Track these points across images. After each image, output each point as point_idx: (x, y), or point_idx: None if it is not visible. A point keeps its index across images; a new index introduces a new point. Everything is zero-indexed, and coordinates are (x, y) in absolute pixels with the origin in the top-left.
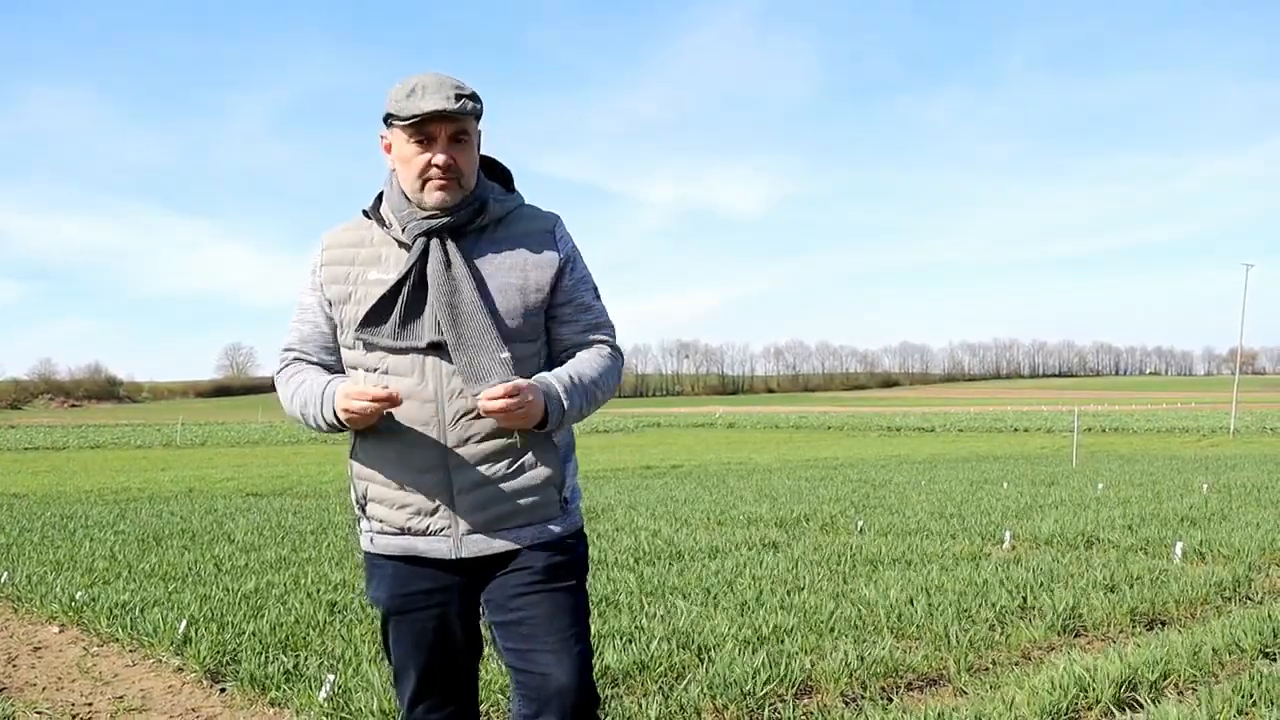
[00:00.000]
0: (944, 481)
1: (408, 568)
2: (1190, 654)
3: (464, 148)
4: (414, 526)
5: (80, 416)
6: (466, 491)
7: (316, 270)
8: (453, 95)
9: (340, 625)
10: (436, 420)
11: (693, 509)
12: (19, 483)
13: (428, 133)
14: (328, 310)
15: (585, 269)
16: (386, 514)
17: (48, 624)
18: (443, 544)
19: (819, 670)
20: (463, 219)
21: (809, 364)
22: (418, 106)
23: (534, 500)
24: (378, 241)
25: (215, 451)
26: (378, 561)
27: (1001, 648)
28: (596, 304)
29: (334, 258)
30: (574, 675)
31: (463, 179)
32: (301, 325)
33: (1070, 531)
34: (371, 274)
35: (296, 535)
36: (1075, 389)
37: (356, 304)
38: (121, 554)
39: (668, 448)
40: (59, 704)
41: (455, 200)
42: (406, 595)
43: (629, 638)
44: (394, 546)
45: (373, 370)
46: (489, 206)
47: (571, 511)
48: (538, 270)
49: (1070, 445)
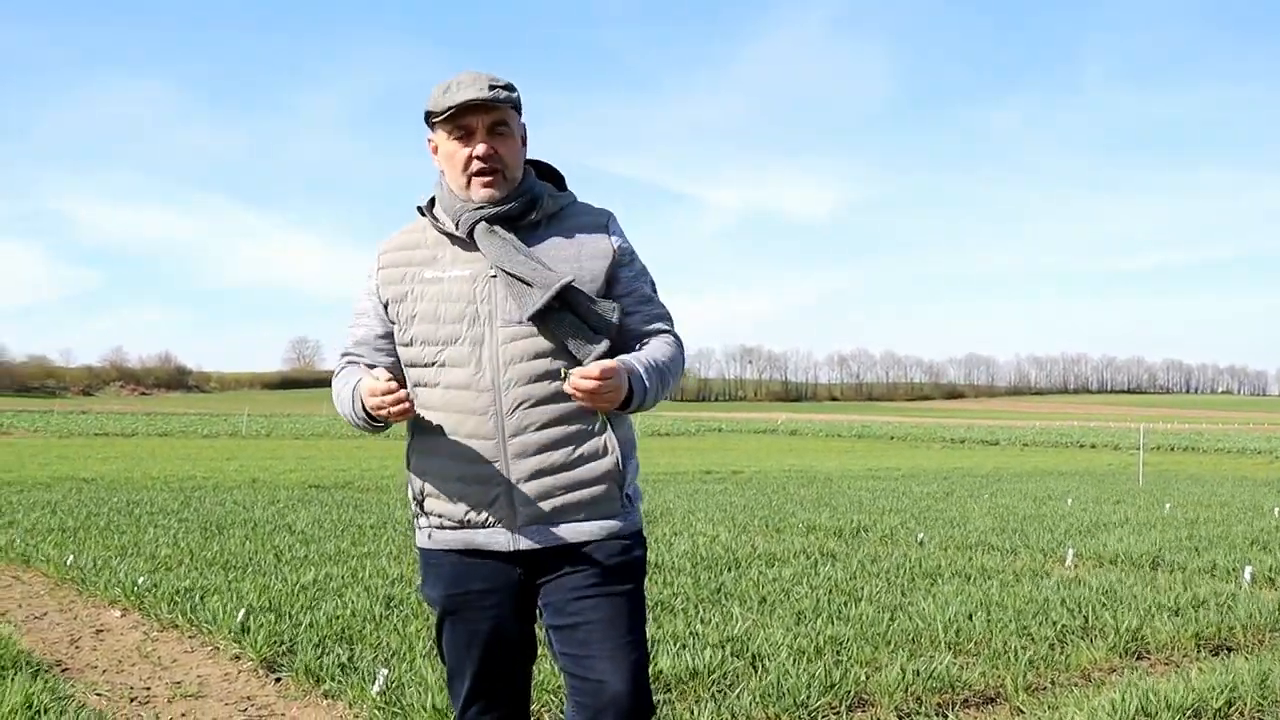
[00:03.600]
0: (1007, 496)
1: (464, 564)
2: (1257, 682)
3: (504, 139)
4: (472, 519)
5: (150, 404)
6: (524, 481)
7: (373, 275)
8: (486, 85)
9: (396, 619)
10: (494, 410)
11: (751, 515)
12: (89, 468)
13: (466, 125)
14: (384, 313)
15: (642, 263)
16: (445, 508)
17: (110, 607)
18: (501, 535)
19: (873, 683)
20: (515, 210)
21: (873, 373)
22: (453, 98)
23: (594, 492)
24: (432, 242)
25: (280, 443)
26: (434, 559)
27: (1061, 667)
28: (656, 296)
29: (390, 260)
30: (629, 683)
31: (507, 170)
32: (357, 330)
33: (1135, 551)
34: (428, 273)
35: (356, 529)
36: (1144, 406)
37: (414, 301)
38: (184, 541)
39: (729, 453)
40: (118, 686)
41: (502, 193)
42: (462, 594)
43: (683, 643)
44: (452, 540)
45: (430, 365)
46: (543, 201)
47: (632, 511)
48: (592, 261)
49: (1137, 463)
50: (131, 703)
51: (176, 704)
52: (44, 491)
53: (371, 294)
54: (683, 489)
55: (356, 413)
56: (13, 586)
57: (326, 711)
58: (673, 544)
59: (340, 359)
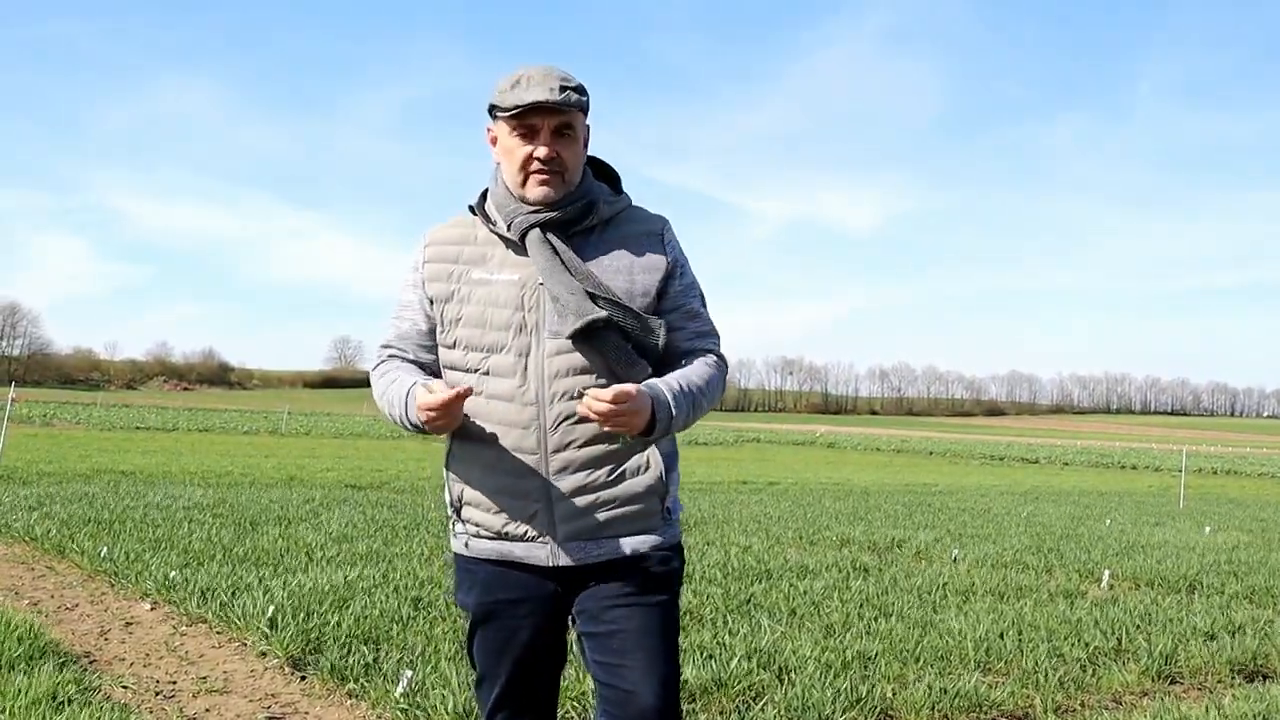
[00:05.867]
0: (1045, 515)
1: (500, 573)
2: None
3: (568, 142)
4: (511, 531)
5: (191, 400)
6: (565, 497)
7: (419, 268)
8: (557, 86)
9: (423, 622)
10: (537, 424)
11: (785, 527)
12: (128, 461)
13: (531, 125)
14: (428, 309)
15: (693, 276)
16: (483, 518)
17: (141, 600)
18: (540, 550)
19: (900, 700)
20: (570, 215)
21: (914, 388)
22: (520, 98)
23: (636, 509)
24: (482, 240)
25: (318, 442)
26: (470, 566)
27: (1092, 690)
28: (704, 312)
29: (437, 254)
30: (659, 696)
31: (566, 173)
32: (400, 322)
33: (1172, 574)
34: (476, 273)
35: (389, 530)
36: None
37: (460, 303)
38: (218, 537)
39: (766, 464)
40: (144, 679)
41: (558, 195)
42: (496, 602)
43: (710, 654)
44: (490, 551)
45: (473, 371)
46: (598, 206)
47: (673, 523)
48: (645, 274)
49: (1178, 485)
50: (157, 696)
51: (201, 699)
52: (83, 483)
53: (417, 286)
54: (718, 499)
55: (409, 418)
56: (46, 577)
57: (350, 711)
58: (705, 554)
59: (380, 350)
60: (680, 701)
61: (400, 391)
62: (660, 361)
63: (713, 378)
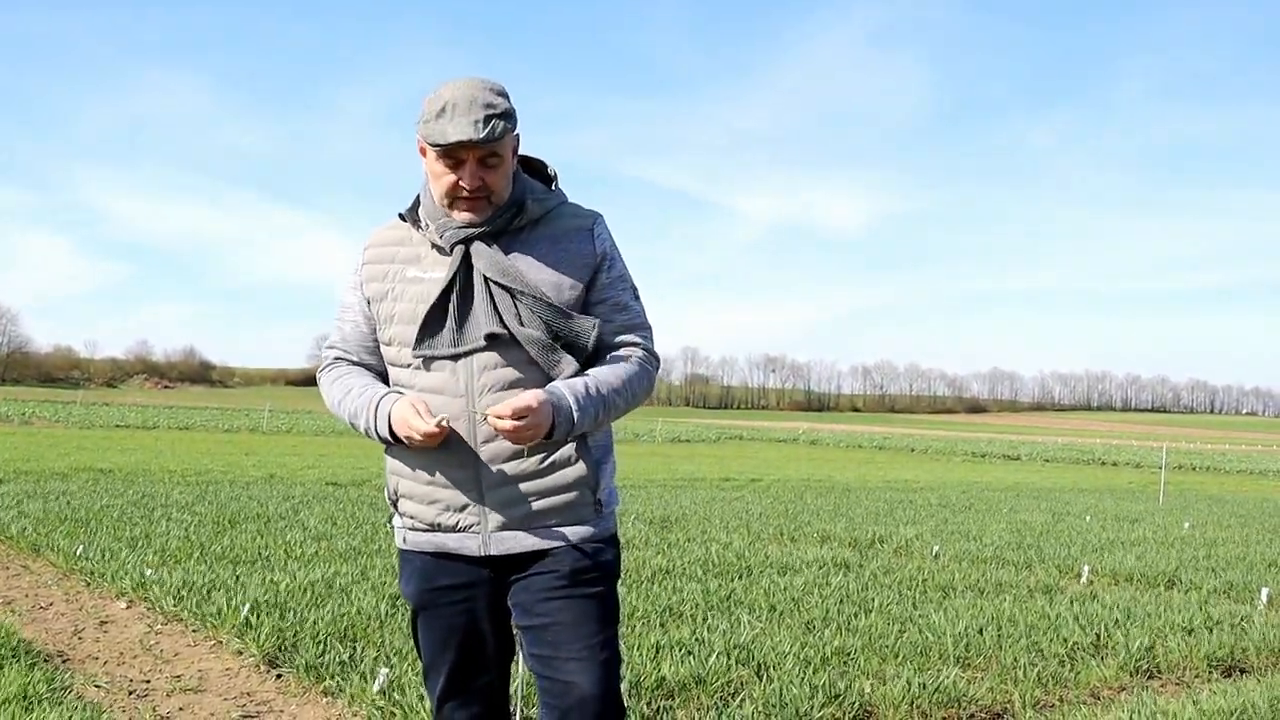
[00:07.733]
0: (1025, 511)
1: (436, 563)
2: (1269, 705)
3: (494, 170)
4: (444, 523)
5: (172, 398)
6: (495, 488)
7: (358, 269)
8: (482, 118)
9: (400, 619)
10: (467, 415)
11: (766, 523)
12: (107, 459)
13: (456, 157)
14: (366, 309)
15: (624, 268)
16: (418, 510)
17: (116, 599)
18: (471, 540)
19: (879, 695)
20: (498, 226)
21: (896, 385)
22: (445, 134)
23: (565, 499)
24: (417, 241)
25: (300, 439)
26: (409, 557)
27: (1070, 685)
28: (634, 305)
29: (376, 256)
30: (598, 685)
31: (493, 196)
32: (343, 324)
33: (1151, 570)
34: (410, 272)
35: (369, 527)
36: (1167, 425)
37: (394, 301)
38: (195, 535)
39: (748, 461)
40: (117, 679)
41: (484, 217)
42: (434, 590)
43: (688, 650)
44: (424, 543)
45: (406, 367)
46: (526, 207)
47: (606, 515)
48: (572, 269)
49: (1158, 482)
50: (130, 695)
51: (175, 697)
52: (60, 481)
53: (356, 288)
54: (700, 495)
55: (378, 430)
56: (21, 575)
57: (325, 709)
58: (685, 550)
59: (326, 351)
60: (621, 691)
61: (366, 402)
62: (596, 352)
63: (632, 375)
